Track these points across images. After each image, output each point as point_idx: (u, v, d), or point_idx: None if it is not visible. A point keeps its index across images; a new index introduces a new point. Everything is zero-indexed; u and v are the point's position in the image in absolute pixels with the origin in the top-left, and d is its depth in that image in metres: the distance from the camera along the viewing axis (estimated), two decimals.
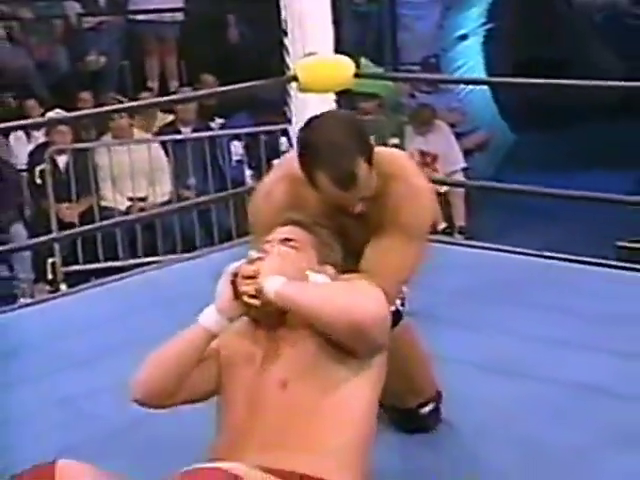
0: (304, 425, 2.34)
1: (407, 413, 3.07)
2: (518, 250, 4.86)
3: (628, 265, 4.82)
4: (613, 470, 2.81)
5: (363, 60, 6.08)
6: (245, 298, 2.38)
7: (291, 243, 2.51)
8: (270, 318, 2.47)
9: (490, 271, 4.59)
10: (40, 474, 2.28)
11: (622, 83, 5.27)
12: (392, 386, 2.60)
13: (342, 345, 2.39)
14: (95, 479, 2.31)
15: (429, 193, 2.81)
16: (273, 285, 2.34)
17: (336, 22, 4.57)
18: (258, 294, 2.37)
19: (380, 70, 9.39)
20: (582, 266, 4.54)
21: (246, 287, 2.38)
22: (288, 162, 2.82)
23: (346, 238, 2.69)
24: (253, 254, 2.47)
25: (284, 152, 7.63)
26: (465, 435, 3.11)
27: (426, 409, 3.09)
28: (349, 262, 2.66)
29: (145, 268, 5.70)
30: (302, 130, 2.66)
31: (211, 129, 9.36)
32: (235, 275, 2.40)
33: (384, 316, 2.39)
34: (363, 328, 2.30)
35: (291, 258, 2.47)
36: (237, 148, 8.95)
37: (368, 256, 2.69)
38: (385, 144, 8.24)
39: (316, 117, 2.72)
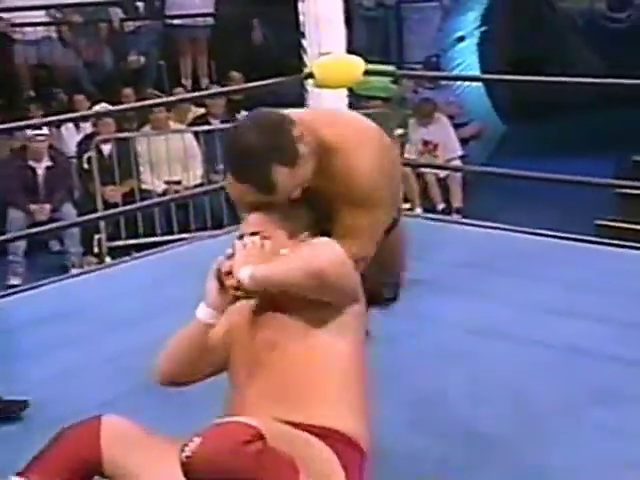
0: (297, 378, 2.33)
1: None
2: (508, 228, 4.85)
3: (606, 241, 4.81)
4: (592, 422, 2.82)
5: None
6: (231, 291, 2.37)
7: (260, 235, 2.42)
8: (256, 299, 2.46)
9: (484, 246, 4.59)
10: (86, 428, 2.30)
11: (601, 80, 5.21)
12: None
13: (317, 302, 2.36)
14: (136, 434, 2.33)
15: (368, 161, 2.48)
16: (245, 274, 2.31)
17: (348, 25, 4.56)
18: (239, 285, 2.34)
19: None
20: (565, 242, 4.53)
21: (229, 282, 2.37)
22: None
23: (310, 210, 2.52)
24: (229, 251, 2.42)
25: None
26: (459, 389, 3.11)
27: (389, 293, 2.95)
28: (324, 225, 2.52)
29: (179, 243, 5.71)
30: (226, 142, 2.49)
31: (235, 121, 9.33)
32: (219, 271, 2.39)
33: (340, 259, 2.31)
34: (322, 273, 2.25)
35: (257, 246, 2.40)
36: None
37: (336, 232, 2.49)
38: (391, 135, 8.24)
39: (235, 127, 2.53)
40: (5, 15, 9.19)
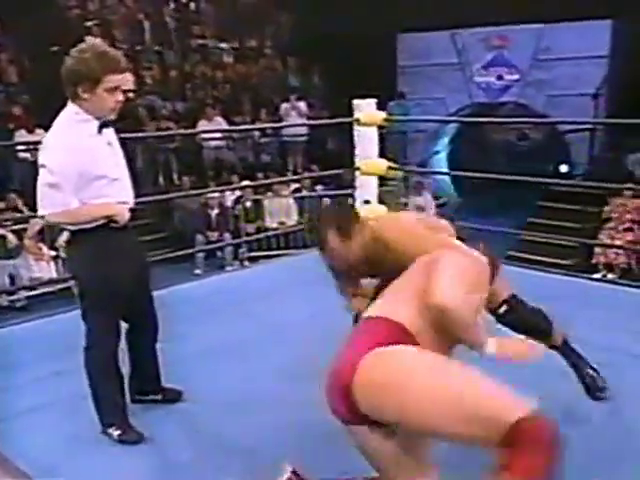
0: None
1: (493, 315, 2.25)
2: None
3: (514, 263, 4.67)
4: None
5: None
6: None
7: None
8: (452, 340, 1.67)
9: None
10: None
11: (512, 177, 5.08)
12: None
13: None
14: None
15: None
16: (490, 349, 1.65)
17: (380, 142, 4.52)
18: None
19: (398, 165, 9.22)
20: None
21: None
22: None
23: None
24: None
25: (352, 205, 7.59)
26: None
27: (501, 309, 2.26)
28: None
29: (284, 256, 5.68)
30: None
31: (315, 191, 9.33)
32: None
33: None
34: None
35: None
36: (326, 202, 8.92)
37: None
38: (398, 202, 8.14)
39: None
40: (200, 135, 9.27)
